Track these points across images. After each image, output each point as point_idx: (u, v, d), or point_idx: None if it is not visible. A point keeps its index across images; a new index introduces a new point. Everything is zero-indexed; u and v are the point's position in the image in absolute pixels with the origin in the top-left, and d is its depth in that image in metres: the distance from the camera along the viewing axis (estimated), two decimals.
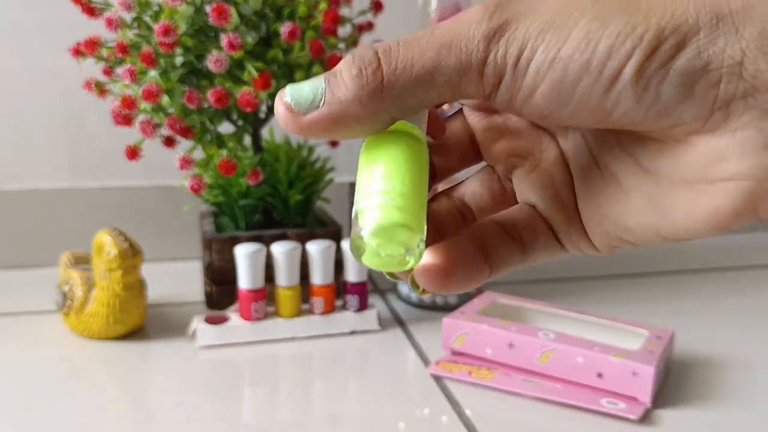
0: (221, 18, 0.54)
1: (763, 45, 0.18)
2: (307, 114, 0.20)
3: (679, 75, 0.18)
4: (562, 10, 0.19)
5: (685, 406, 0.50)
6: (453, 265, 0.22)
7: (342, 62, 0.20)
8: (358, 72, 0.19)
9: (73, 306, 0.59)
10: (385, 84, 0.19)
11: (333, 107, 0.19)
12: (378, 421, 0.48)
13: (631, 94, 0.18)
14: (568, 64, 0.18)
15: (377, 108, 0.19)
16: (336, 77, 0.20)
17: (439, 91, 0.19)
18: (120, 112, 0.58)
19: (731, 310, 0.70)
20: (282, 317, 0.61)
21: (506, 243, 0.24)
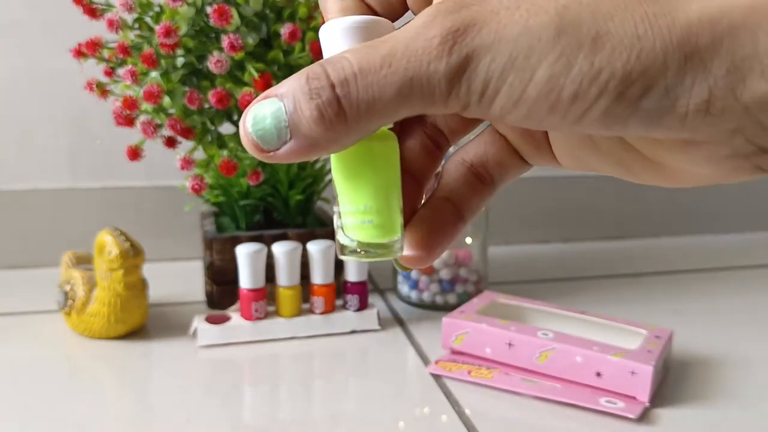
0: (222, 19, 0.54)
1: (730, 82, 0.17)
2: (278, 149, 0.19)
3: (646, 113, 0.18)
4: (523, 46, 0.18)
5: (684, 406, 0.50)
6: (432, 242, 0.23)
7: (295, 88, 0.19)
8: (319, 113, 0.18)
9: (75, 306, 0.59)
10: (348, 121, 0.19)
11: (301, 141, 0.19)
12: (378, 421, 0.48)
13: (599, 127, 0.19)
14: (533, 106, 0.18)
15: (346, 137, 0.19)
16: (296, 111, 0.19)
17: (405, 115, 0.19)
18: (121, 112, 0.58)
19: (730, 310, 0.70)
20: (282, 317, 0.61)
21: (475, 189, 0.24)
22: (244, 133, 0.20)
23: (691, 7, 0.17)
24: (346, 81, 0.18)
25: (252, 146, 0.20)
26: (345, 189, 0.22)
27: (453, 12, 0.18)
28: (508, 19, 0.18)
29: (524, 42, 0.18)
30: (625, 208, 0.98)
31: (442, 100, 0.18)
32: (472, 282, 0.68)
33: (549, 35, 0.18)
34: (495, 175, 0.25)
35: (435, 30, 0.18)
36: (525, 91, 0.18)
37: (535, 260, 0.88)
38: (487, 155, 0.25)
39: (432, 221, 0.24)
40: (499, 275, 0.78)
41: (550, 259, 0.89)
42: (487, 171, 0.25)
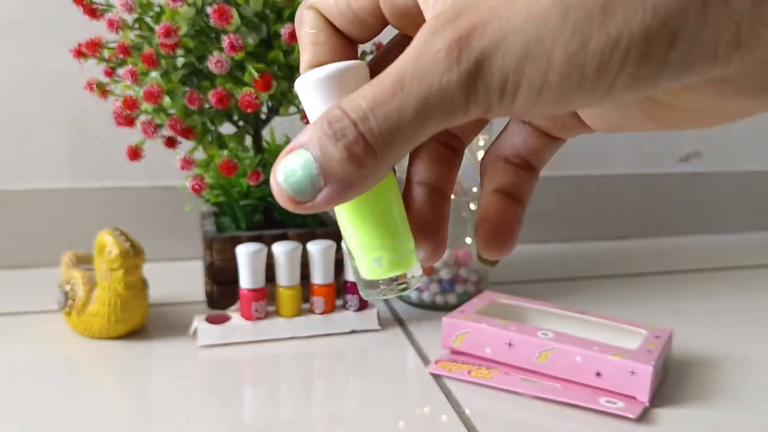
0: (222, 19, 0.55)
1: (758, 12, 0.17)
2: (315, 198, 0.19)
3: (676, 65, 0.17)
4: (531, 35, 0.17)
5: (684, 406, 0.50)
6: (502, 236, 0.24)
7: (319, 135, 0.19)
8: (348, 153, 0.18)
9: (75, 305, 0.59)
10: (377, 153, 0.18)
11: (336, 185, 0.19)
12: (378, 420, 0.48)
13: (630, 92, 0.18)
14: (558, 90, 0.17)
15: (377, 170, 0.19)
16: (324, 156, 0.19)
17: (432, 133, 0.19)
18: (121, 112, 0.58)
19: (730, 310, 0.70)
20: (282, 317, 0.61)
21: (519, 176, 0.25)
22: (277, 189, 0.19)
23: None
24: (365, 116, 0.18)
25: (288, 201, 0.19)
26: (351, 232, 0.22)
27: (451, 21, 0.18)
28: (509, 13, 0.17)
29: (532, 30, 0.17)
30: (625, 208, 0.98)
31: (462, 109, 0.18)
32: (472, 282, 0.68)
33: (555, 17, 0.17)
34: (532, 161, 0.25)
35: (438, 44, 0.18)
36: (546, 78, 0.17)
37: (535, 260, 0.88)
38: (517, 147, 0.25)
39: (494, 217, 0.24)
40: (499, 275, 0.78)
41: (550, 259, 0.89)
42: (523, 160, 0.25)
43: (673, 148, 0.98)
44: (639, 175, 0.97)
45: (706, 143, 0.99)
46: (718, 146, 1.00)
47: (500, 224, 0.24)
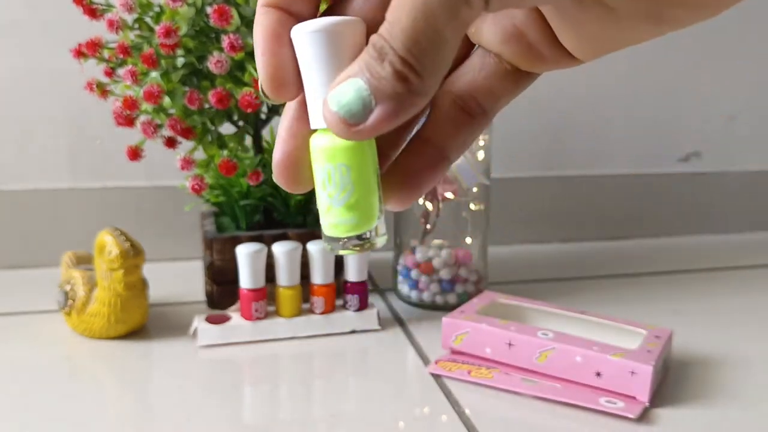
0: (222, 19, 0.55)
1: None
2: (366, 120, 0.19)
3: None
4: None
5: (684, 406, 0.50)
6: (408, 189, 0.23)
7: (364, 60, 0.19)
8: (393, 69, 0.19)
9: (75, 305, 0.59)
10: (417, 68, 0.19)
11: (387, 104, 0.19)
12: (378, 420, 0.48)
13: None
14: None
15: (424, 87, 0.19)
16: (373, 76, 0.19)
17: (451, 35, 0.19)
18: (121, 112, 0.58)
19: (730, 310, 0.70)
20: (282, 317, 0.61)
21: (461, 125, 0.24)
22: (329, 114, 0.20)
23: None
24: (391, 35, 0.19)
25: (340, 124, 0.20)
26: (325, 183, 0.22)
27: None
28: None
29: None
30: (625, 208, 0.98)
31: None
32: (472, 282, 0.68)
33: None
34: (486, 105, 0.24)
35: None
36: None
37: (535, 260, 0.88)
38: (476, 83, 0.24)
39: (407, 167, 0.23)
40: (499, 275, 0.78)
41: (550, 259, 0.89)
42: (476, 102, 0.24)
43: (673, 148, 0.98)
44: (639, 175, 0.97)
45: (706, 143, 0.99)
46: (718, 146, 1.00)
47: (411, 177, 0.23)
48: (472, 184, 0.66)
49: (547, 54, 0.23)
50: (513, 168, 0.92)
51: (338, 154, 0.22)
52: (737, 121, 1.00)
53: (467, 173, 0.64)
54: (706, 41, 0.96)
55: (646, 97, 0.95)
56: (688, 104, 0.97)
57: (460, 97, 0.24)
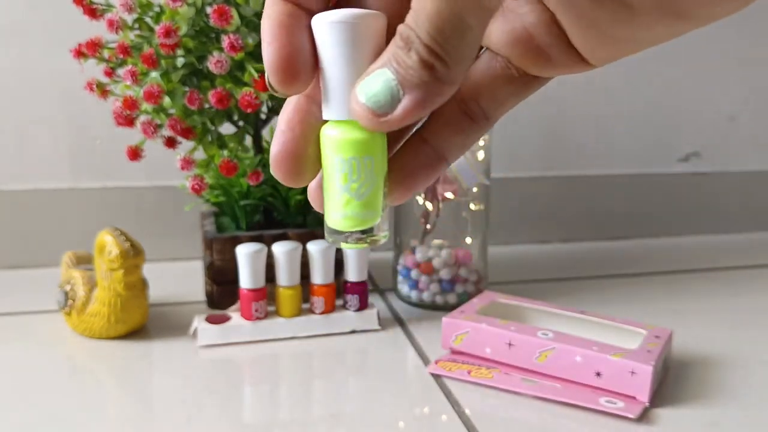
0: (222, 19, 0.55)
1: None
2: (393, 111, 0.19)
3: None
4: None
5: (684, 405, 0.50)
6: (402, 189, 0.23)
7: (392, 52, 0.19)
8: (419, 58, 0.19)
9: (75, 305, 0.59)
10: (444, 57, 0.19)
11: (414, 93, 0.19)
12: (378, 420, 0.48)
13: None
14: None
15: (450, 76, 0.19)
16: (400, 66, 0.19)
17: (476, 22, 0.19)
18: (121, 113, 0.58)
19: (729, 310, 0.70)
20: (282, 317, 0.61)
21: (461, 128, 0.24)
22: (357, 105, 0.20)
23: None
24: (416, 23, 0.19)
25: (369, 115, 0.20)
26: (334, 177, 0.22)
27: None
28: None
29: None
30: (624, 208, 0.98)
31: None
32: (472, 282, 0.68)
33: None
34: (489, 110, 0.24)
35: None
36: None
37: (535, 260, 0.88)
38: (480, 87, 0.23)
39: (404, 165, 0.23)
40: (499, 275, 0.78)
41: (549, 259, 0.89)
42: (479, 106, 0.23)
43: (673, 148, 0.98)
44: (639, 175, 0.97)
45: (706, 143, 0.99)
46: (718, 146, 1.00)
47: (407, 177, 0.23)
48: (472, 184, 0.66)
49: (558, 57, 0.22)
50: (513, 168, 0.92)
51: (364, 146, 0.22)
52: (737, 121, 1.00)
53: (467, 173, 0.64)
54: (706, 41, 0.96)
55: (646, 97, 0.95)
56: (688, 104, 0.97)
57: (462, 100, 0.23)
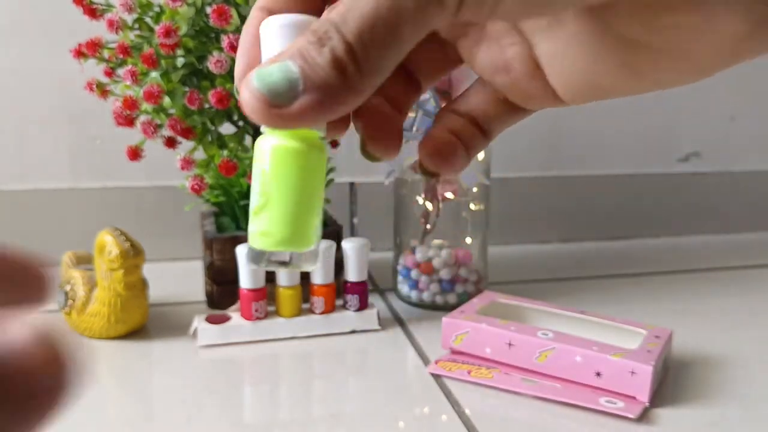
0: (222, 19, 0.55)
1: None
2: (289, 105, 0.18)
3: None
4: None
5: (684, 405, 0.50)
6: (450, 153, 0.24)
7: (300, 44, 0.18)
8: (332, 56, 0.17)
9: (75, 305, 0.59)
10: (361, 63, 0.18)
11: (316, 93, 0.18)
12: (378, 420, 0.48)
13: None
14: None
15: (361, 85, 0.18)
16: (306, 61, 0.18)
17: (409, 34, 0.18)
18: (121, 112, 0.58)
19: (730, 310, 0.71)
20: (282, 317, 0.61)
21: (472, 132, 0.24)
22: (248, 92, 0.18)
23: None
24: (344, 20, 0.18)
25: (259, 103, 0.18)
26: (260, 190, 0.21)
27: None
28: None
29: None
30: (624, 208, 0.98)
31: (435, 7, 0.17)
32: (472, 282, 0.68)
33: None
34: (485, 127, 0.24)
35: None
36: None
37: (535, 260, 0.88)
38: (473, 110, 0.24)
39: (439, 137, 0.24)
40: (499, 275, 0.78)
41: (549, 259, 0.89)
42: (478, 124, 0.24)
43: (673, 148, 0.98)
44: (639, 175, 0.97)
45: (706, 143, 0.99)
46: (718, 146, 1.00)
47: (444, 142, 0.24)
48: (472, 184, 0.66)
49: (534, 91, 0.22)
50: (513, 168, 0.92)
51: (289, 154, 0.21)
52: (737, 121, 1.00)
53: (467, 173, 0.64)
54: None
55: (646, 97, 0.95)
56: (688, 104, 0.97)
57: (463, 115, 0.24)
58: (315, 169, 0.21)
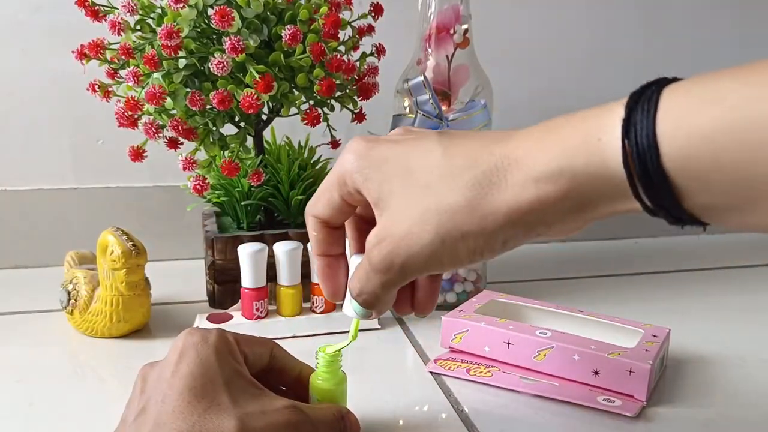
0: (224, 21, 0.55)
1: None
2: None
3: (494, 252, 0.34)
4: (428, 256, 0.32)
5: (681, 404, 0.50)
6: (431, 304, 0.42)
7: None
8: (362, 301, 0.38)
9: (78, 305, 0.60)
10: (369, 307, 0.38)
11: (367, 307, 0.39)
12: (377, 419, 0.48)
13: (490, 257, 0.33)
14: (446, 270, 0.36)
15: (376, 309, 0.39)
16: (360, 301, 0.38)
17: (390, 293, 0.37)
18: (124, 114, 0.59)
19: (727, 309, 0.71)
20: (283, 316, 0.61)
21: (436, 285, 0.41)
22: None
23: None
24: (359, 293, 0.38)
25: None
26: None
27: (377, 244, 0.34)
28: (410, 242, 0.32)
29: (427, 252, 0.32)
30: None
31: (396, 284, 0.35)
32: (471, 281, 0.69)
33: (437, 245, 0.32)
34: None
35: (376, 258, 0.34)
36: (442, 265, 0.33)
37: (534, 259, 0.88)
38: None
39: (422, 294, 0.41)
40: (498, 274, 0.79)
41: (548, 258, 0.89)
42: None
43: None
44: None
45: None
46: None
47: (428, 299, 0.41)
48: None
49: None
50: None
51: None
52: None
53: None
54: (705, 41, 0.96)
55: None
56: None
57: None
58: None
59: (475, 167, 0.31)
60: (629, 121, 0.27)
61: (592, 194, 0.29)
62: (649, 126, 0.26)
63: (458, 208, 0.31)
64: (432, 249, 0.32)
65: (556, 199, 0.29)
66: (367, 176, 0.33)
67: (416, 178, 0.32)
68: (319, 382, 0.44)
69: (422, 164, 0.32)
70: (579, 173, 0.28)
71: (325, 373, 0.44)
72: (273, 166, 0.68)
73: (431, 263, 0.32)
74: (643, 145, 0.26)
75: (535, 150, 0.30)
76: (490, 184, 0.30)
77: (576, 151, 0.28)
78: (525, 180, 0.30)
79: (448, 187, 0.31)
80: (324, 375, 0.44)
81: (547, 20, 0.92)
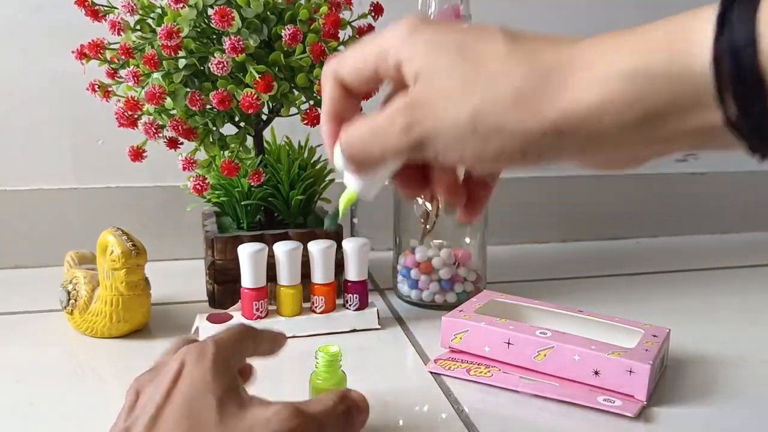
0: (224, 21, 0.55)
1: None
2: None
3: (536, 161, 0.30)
4: (454, 136, 0.29)
5: (681, 404, 0.50)
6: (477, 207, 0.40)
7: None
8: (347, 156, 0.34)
9: (77, 305, 0.60)
10: (357, 167, 0.34)
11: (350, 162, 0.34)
12: (377, 419, 0.48)
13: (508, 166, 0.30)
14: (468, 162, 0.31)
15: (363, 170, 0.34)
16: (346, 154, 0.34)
17: (390, 165, 0.34)
18: (124, 113, 0.59)
19: (727, 309, 0.71)
20: (283, 316, 0.61)
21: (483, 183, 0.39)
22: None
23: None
24: (350, 146, 0.32)
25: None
26: None
27: (411, 108, 0.30)
28: (443, 116, 0.29)
29: (453, 133, 0.29)
30: (623, 208, 0.98)
31: (405, 155, 0.31)
32: (471, 281, 0.69)
33: (468, 130, 0.29)
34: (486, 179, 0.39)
35: (398, 121, 0.30)
36: (461, 160, 0.30)
37: (534, 259, 0.88)
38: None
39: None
40: (498, 274, 0.79)
41: (548, 258, 0.89)
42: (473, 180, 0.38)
43: None
44: (638, 175, 0.97)
45: None
46: None
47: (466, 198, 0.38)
48: None
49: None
50: None
51: None
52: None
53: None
54: None
55: None
56: None
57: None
58: None
59: (536, 61, 0.28)
60: (724, 16, 0.24)
61: (665, 102, 0.26)
62: (748, 21, 0.24)
63: (504, 97, 0.28)
64: (461, 131, 0.29)
65: (621, 104, 0.26)
66: (415, 52, 0.30)
67: (469, 58, 0.29)
68: (319, 382, 0.44)
69: (479, 48, 0.29)
70: (656, 74, 0.25)
71: (325, 373, 0.44)
72: (273, 166, 0.68)
73: (452, 146, 0.29)
74: (739, 41, 0.24)
75: (609, 51, 0.27)
76: (547, 83, 0.27)
77: (656, 50, 0.26)
78: (590, 81, 0.27)
79: (500, 72, 0.28)
80: (324, 375, 0.44)
81: (547, 20, 0.92)
